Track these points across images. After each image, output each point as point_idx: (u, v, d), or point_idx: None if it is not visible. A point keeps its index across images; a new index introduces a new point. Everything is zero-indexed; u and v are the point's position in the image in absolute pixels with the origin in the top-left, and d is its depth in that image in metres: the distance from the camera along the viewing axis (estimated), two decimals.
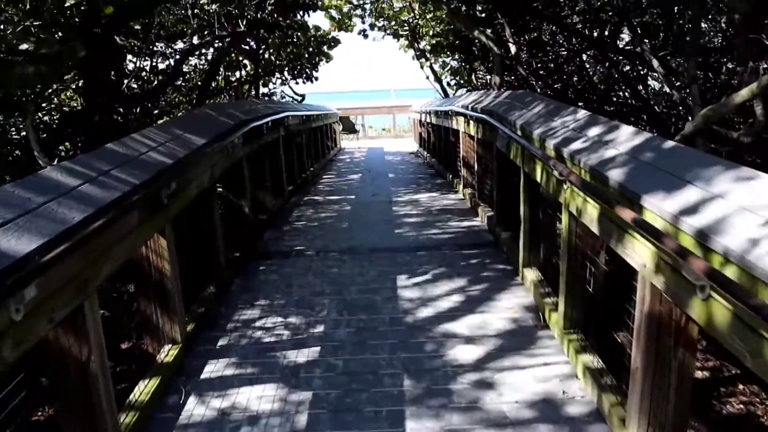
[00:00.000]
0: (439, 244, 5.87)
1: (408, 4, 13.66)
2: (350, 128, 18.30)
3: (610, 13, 9.55)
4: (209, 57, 9.94)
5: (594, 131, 3.57)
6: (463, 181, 8.05)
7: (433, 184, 9.74)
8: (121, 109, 5.60)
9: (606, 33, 9.53)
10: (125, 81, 6.86)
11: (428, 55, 14.44)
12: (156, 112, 7.52)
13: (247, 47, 10.07)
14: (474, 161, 7.37)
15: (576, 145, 3.51)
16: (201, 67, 10.03)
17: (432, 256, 5.49)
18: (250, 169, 6.31)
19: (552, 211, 4.42)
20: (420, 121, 15.28)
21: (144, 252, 3.53)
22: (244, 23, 7.40)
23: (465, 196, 7.87)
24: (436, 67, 15.23)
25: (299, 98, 14.03)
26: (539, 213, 4.65)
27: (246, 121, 5.71)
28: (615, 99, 10.35)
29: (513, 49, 8.67)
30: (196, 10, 7.21)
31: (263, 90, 14.38)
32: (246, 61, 11.16)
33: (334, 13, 14.19)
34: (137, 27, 7.02)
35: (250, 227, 5.89)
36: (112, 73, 5.35)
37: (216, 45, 8.22)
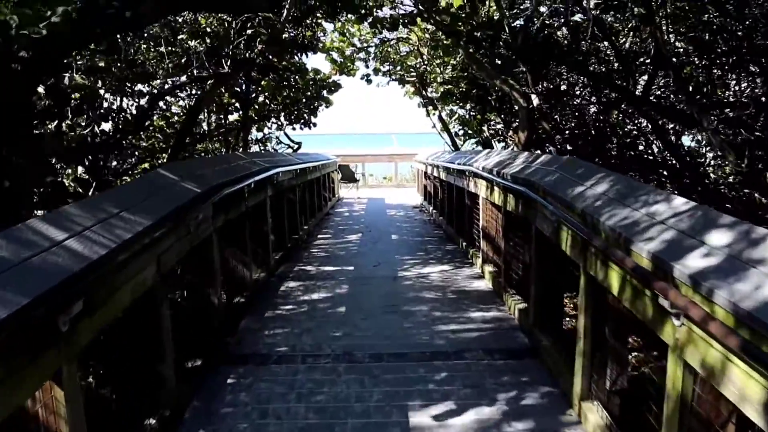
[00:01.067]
0: (461, 349, 4.57)
1: (416, 48, 12.66)
2: (350, 177, 17.17)
3: (646, 62, 8.51)
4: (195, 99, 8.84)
5: (716, 236, 2.33)
6: (483, 255, 6.79)
7: (444, 251, 8.48)
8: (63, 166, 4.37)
9: (638, 83, 8.45)
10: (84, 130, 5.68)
11: (437, 104, 13.38)
12: (123, 165, 6.34)
13: (238, 89, 8.97)
14: (498, 234, 6.14)
15: (696, 261, 2.26)
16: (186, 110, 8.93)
17: (452, 369, 4.20)
18: (226, 241, 5.06)
19: (623, 327, 3.19)
20: (425, 173, 14.15)
21: (30, 406, 2.27)
22: (229, 63, 6.27)
23: (485, 274, 6.60)
24: (443, 115, 14.18)
25: (295, 146, 12.89)
26: (607, 329, 3.38)
27: (218, 187, 4.49)
28: (642, 154, 9.23)
29: (535, 101, 7.56)
30: (171, 48, 6.07)
31: (257, 135, 13.30)
32: (254, 104, 10.08)
33: (335, 55, 13.20)
34: (101, 64, 5.91)
35: (219, 321, 4.59)
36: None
37: (196, 87, 7.11)
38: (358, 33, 12.80)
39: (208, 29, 6.10)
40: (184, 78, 6.25)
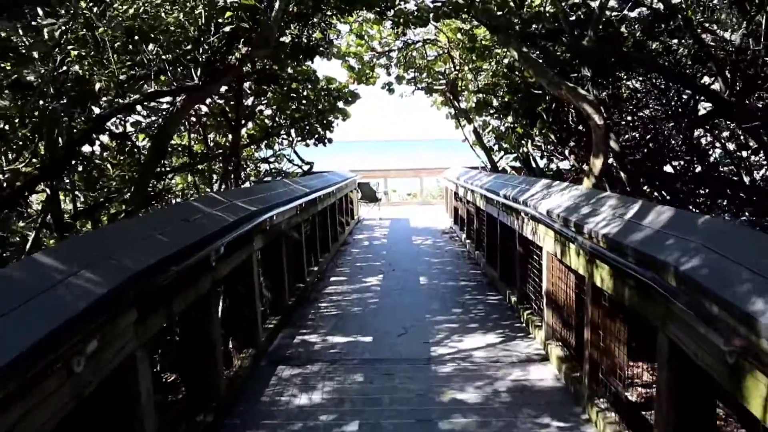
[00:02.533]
0: None
1: (445, 52, 10.90)
2: (371, 197, 15.45)
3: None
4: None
5: None
6: (546, 329, 4.99)
7: (487, 305, 6.69)
8: None
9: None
10: None
11: (471, 116, 11.57)
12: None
13: (228, 106, 7.32)
14: (576, 309, 4.37)
15: None
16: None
17: None
18: (184, 338, 3.40)
19: None
20: (456, 193, 12.37)
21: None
22: (199, 73, 4.60)
23: (550, 356, 4.81)
24: (476, 126, 12.35)
25: (306, 167, 11.20)
26: None
27: (142, 276, 2.77)
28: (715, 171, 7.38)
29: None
30: (122, 54, 4.41)
31: (266, 153, 11.64)
32: (248, 122, 8.43)
33: (352, 62, 11.48)
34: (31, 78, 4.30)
35: None
36: None
37: (157, 111, 5.49)
38: (378, 35, 11.10)
39: (171, 27, 4.41)
40: (148, 94, 4.60)
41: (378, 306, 6.80)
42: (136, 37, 4.45)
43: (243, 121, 8.32)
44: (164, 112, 5.74)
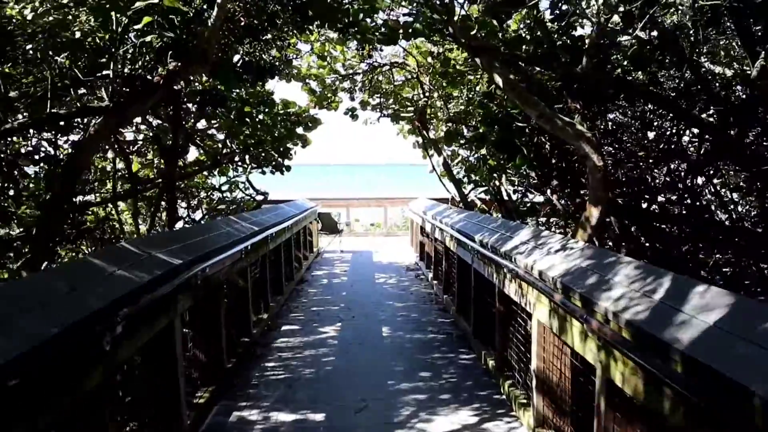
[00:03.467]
0: None
1: (415, 77, 10.13)
2: (332, 228, 14.52)
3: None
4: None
5: None
6: (536, 413, 4.10)
7: (459, 367, 5.82)
8: None
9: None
10: None
11: (440, 146, 10.79)
12: None
13: (161, 130, 6.35)
14: (579, 401, 3.52)
15: None
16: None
17: None
18: None
19: None
20: (422, 228, 11.54)
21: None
22: (110, 90, 3.66)
23: None
24: (445, 156, 11.56)
25: (260, 196, 10.22)
26: None
27: None
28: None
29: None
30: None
31: (220, 181, 10.64)
32: (186, 151, 7.43)
33: (314, 84, 10.61)
34: None
35: None
36: None
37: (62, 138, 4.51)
38: (342, 56, 10.27)
39: (79, 32, 3.46)
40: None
41: (334, 367, 5.84)
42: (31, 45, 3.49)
43: (181, 149, 7.34)
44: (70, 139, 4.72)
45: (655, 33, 6.11)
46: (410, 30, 5.04)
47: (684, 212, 6.79)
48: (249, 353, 6.12)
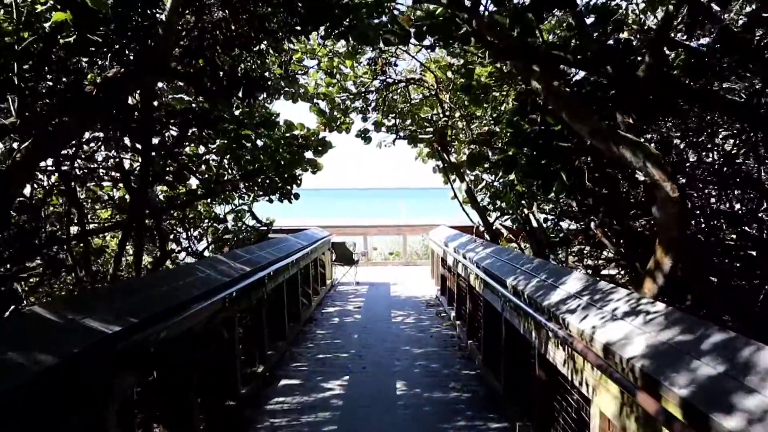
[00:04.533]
0: None
1: (433, 94, 9.15)
2: (347, 259, 13.49)
3: None
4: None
5: None
6: None
7: None
8: None
9: None
10: None
11: (462, 171, 9.76)
12: None
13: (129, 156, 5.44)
14: None
15: None
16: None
17: None
18: None
19: None
20: (443, 260, 10.50)
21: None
22: (18, 106, 2.75)
23: None
24: (468, 181, 10.51)
25: (264, 227, 9.28)
26: None
27: None
28: None
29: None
30: None
31: (224, 209, 9.77)
32: (160, 180, 6.52)
33: (323, 105, 9.69)
34: None
35: None
36: None
37: None
38: (352, 73, 9.36)
39: None
40: None
41: None
42: None
43: (174, 177, 6.44)
44: None
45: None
46: (424, 28, 4.08)
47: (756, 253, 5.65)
48: (233, 424, 5.09)
